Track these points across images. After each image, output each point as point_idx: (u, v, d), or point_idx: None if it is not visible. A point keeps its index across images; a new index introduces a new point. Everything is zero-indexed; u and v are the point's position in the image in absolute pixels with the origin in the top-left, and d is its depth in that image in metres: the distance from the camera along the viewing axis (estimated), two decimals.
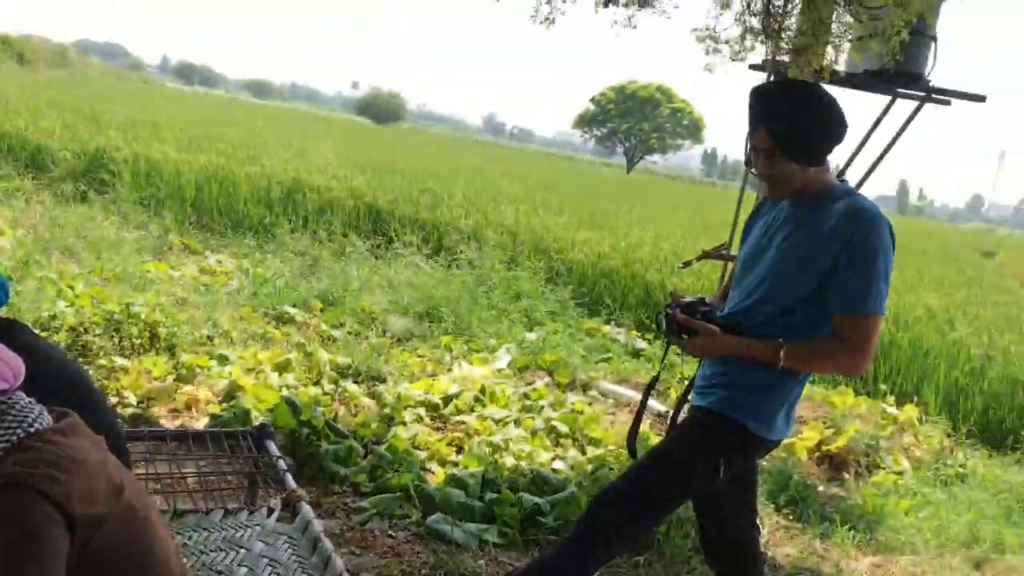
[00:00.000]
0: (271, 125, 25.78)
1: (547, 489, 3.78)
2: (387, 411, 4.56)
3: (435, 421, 4.69)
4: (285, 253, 8.57)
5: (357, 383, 5.00)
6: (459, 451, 4.25)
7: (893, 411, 6.03)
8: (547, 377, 5.77)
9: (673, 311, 2.33)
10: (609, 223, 13.17)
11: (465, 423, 4.58)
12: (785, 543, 3.89)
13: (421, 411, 4.67)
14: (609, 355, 6.78)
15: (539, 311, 7.61)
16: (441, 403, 4.83)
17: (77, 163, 10.98)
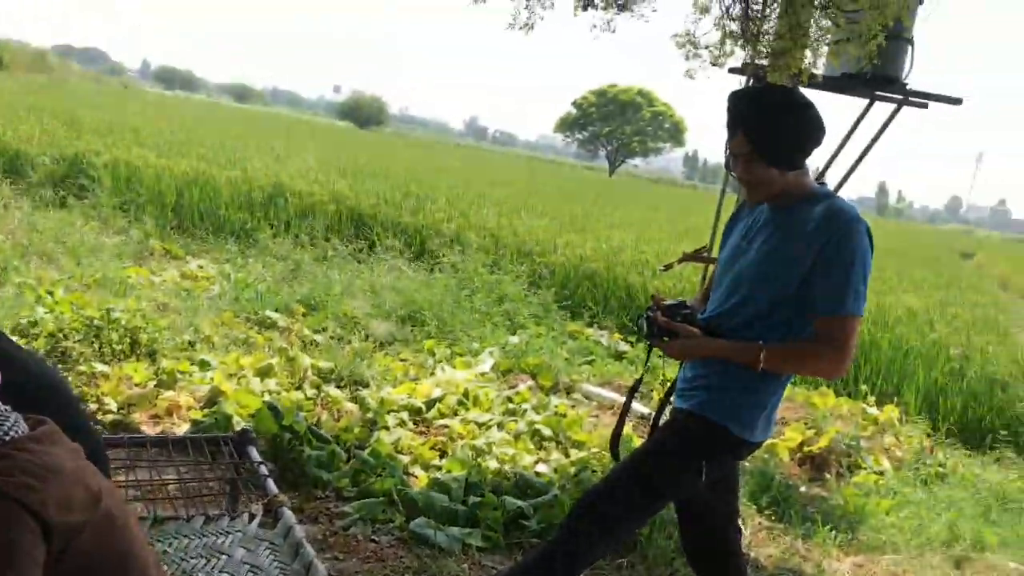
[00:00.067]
0: (252, 129, 25.67)
1: (530, 492, 3.79)
2: (370, 415, 4.55)
3: (418, 425, 4.67)
4: (267, 258, 8.53)
5: (340, 388, 4.98)
6: (442, 455, 4.24)
7: (874, 412, 6.08)
8: (530, 380, 5.77)
9: (654, 313, 2.34)
10: (591, 226, 13.21)
11: (448, 427, 4.57)
12: (767, 544, 3.91)
13: (404, 415, 4.66)
14: (592, 358, 6.79)
15: (522, 314, 7.61)
16: (424, 407, 4.82)
17: (56, 168, 10.86)
